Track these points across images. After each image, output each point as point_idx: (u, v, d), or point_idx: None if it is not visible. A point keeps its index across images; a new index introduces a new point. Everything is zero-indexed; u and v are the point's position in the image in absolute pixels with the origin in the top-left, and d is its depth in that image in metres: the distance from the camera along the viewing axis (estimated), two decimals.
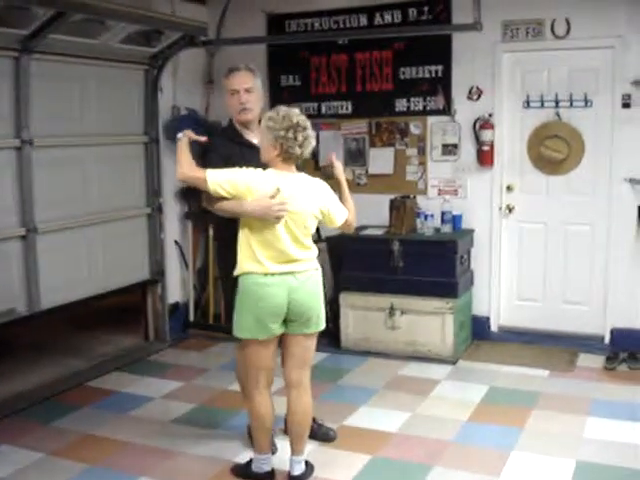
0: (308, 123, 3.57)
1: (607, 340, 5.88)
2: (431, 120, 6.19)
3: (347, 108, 6.43)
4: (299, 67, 6.52)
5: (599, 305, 5.92)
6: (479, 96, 6.02)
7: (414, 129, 6.25)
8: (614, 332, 5.83)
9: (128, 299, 6.67)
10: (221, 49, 6.65)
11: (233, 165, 3.67)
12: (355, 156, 6.42)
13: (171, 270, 6.51)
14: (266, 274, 3.55)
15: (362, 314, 5.97)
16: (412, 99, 6.20)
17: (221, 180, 3.53)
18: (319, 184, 3.73)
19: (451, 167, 6.17)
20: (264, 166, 3.64)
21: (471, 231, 6.11)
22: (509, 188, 6.09)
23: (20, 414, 4.87)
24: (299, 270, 3.62)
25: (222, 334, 6.31)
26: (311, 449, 4.15)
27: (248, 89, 3.97)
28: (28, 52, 4.94)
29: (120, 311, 6.85)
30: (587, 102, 5.76)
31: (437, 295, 5.72)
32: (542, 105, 5.88)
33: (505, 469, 4.02)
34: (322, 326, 3.81)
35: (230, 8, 6.52)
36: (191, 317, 6.73)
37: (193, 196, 6.55)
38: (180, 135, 3.77)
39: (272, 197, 3.49)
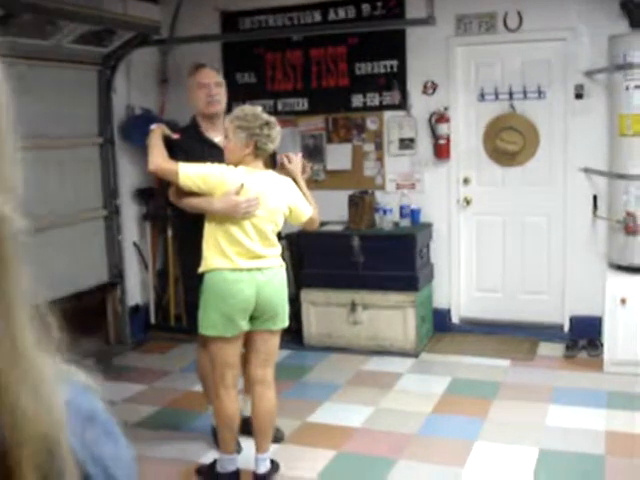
0: (274, 119, 3.65)
1: (566, 328, 5.95)
2: (387, 115, 6.21)
3: (303, 105, 6.42)
4: (254, 64, 6.49)
5: (558, 294, 6.00)
6: (434, 90, 6.05)
7: (371, 124, 6.27)
8: (573, 320, 5.91)
9: (88, 302, 6.58)
10: (175, 48, 6.60)
11: (195, 160, 3.66)
12: (313, 153, 6.41)
13: (130, 272, 6.45)
14: (234, 270, 3.55)
15: (324, 310, 5.97)
16: (368, 94, 6.22)
17: (192, 174, 3.54)
18: (286, 181, 3.76)
19: (408, 161, 6.20)
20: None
21: (430, 225, 6.15)
22: (466, 181, 6.14)
23: None
24: (266, 266, 3.63)
25: (184, 335, 6.29)
26: (275, 447, 4.12)
27: (218, 83, 4.09)
28: None
29: (80, 315, 6.75)
30: (541, 94, 5.84)
31: (398, 289, 5.74)
32: (496, 98, 5.94)
33: (469, 459, 4.05)
34: (286, 323, 3.81)
35: (183, 6, 6.46)
36: (152, 319, 6.67)
37: (151, 197, 6.52)
38: (153, 126, 3.82)
39: (236, 193, 3.50)
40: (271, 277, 3.65)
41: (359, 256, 5.83)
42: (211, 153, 3.87)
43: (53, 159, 5.61)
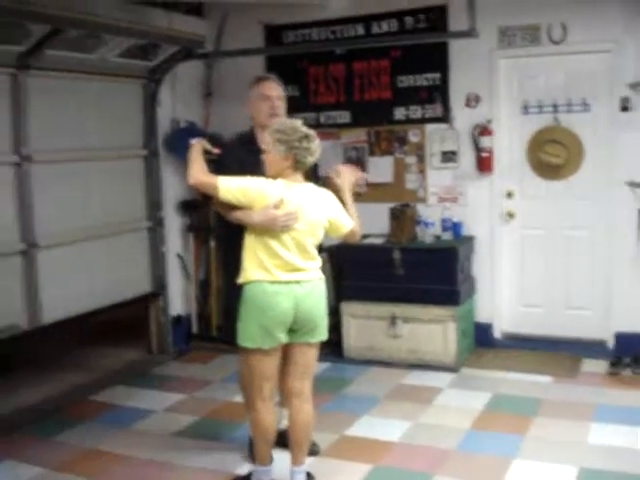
0: (314, 132, 3.66)
1: (611, 345, 5.84)
2: (430, 128, 6.19)
3: (346, 117, 6.43)
4: (297, 77, 6.52)
5: (602, 310, 5.88)
6: (477, 103, 6.01)
7: (413, 137, 6.25)
8: (618, 337, 5.79)
9: (131, 313, 6.68)
10: (220, 61, 6.67)
11: (248, 170, 3.70)
12: (355, 165, 6.40)
13: (173, 283, 6.52)
14: (273, 282, 3.57)
15: (364, 323, 5.96)
16: (410, 107, 6.21)
17: (232, 188, 3.57)
18: (326, 194, 3.77)
19: (451, 174, 6.17)
20: None
21: (472, 238, 6.10)
22: (509, 194, 6.08)
23: (22, 429, 4.87)
24: (305, 279, 3.64)
25: (225, 346, 6.33)
26: (312, 460, 4.12)
27: (279, 97, 4.11)
28: (26, 68, 4.98)
29: (124, 325, 6.87)
30: (585, 106, 5.76)
31: (439, 303, 5.70)
32: (540, 110, 5.87)
33: (507, 477, 3.99)
34: (325, 336, 3.79)
35: (228, 20, 6.54)
36: (194, 329, 6.73)
37: (194, 209, 6.60)
38: (194, 141, 3.84)
39: (276, 207, 3.52)
40: (310, 290, 3.66)
41: (400, 269, 5.81)
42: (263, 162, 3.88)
43: (99, 171, 5.73)
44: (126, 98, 5.98)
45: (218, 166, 3.87)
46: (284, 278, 3.58)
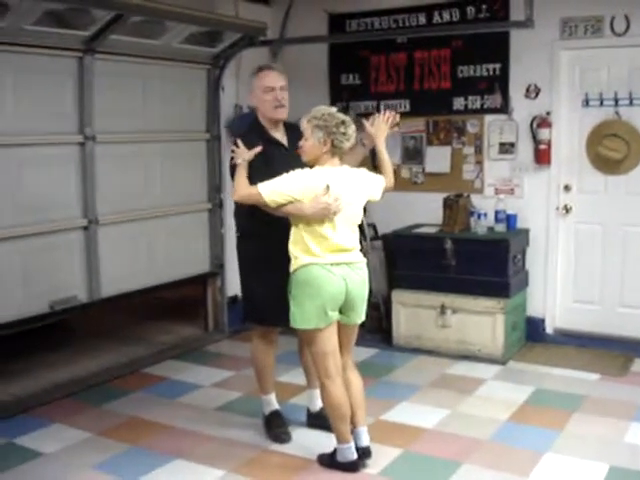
0: (349, 118, 3.81)
1: None
2: (488, 119, 6.15)
3: (405, 106, 6.45)
4: (359, 66, 6.59)
5: None
6: (537, 94, 5.94)
7: (471, 128, 6.22)
8: None
9: (191, 291, 6.90)
10: (284, 48, 6.78)
11: (272, 163, 3.86)
12: (412, 154, 6.45)
13: (231, 263, 6.63)
14: (324, 264, 3.74)
15: (413, 312, 5.99)
16: (470, 97, 6.18)
17: (276, 193, 3.70)
18: (361, 173, 3.94)
19: (508, 166, 6.11)
20: (297, 165, 3.80)
21: (526, 231, 6.04)
22: (567, 188, 5.98)
23: (75, 396, 5.14)
24: (353, 261, 3.84)
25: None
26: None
27: (283, 87, 4.13)
28: (91, 52, 5.20)
29: (183, 302, 7.10)
30: None
31: (489, 295, 5.68)
32: (601, 104, 5.75)
33: (535, 470, 3.97)
34: (364, 318, 4.02)
35: (293, 8, 6.65)
36: None
37: None
38: (238, 161, 3.90)
39: (324, 194, 3.67)
40: (358, 272, 3.85)
41: (451, 259, 5.81)
42: (278, 152, 4.04)
43: (161, 152, 5.93)
44: (190, 83, 6.15)
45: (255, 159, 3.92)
46: (334, 260, 3.75)
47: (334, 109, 3.81)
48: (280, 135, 4.16)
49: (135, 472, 4.01)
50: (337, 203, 3.69)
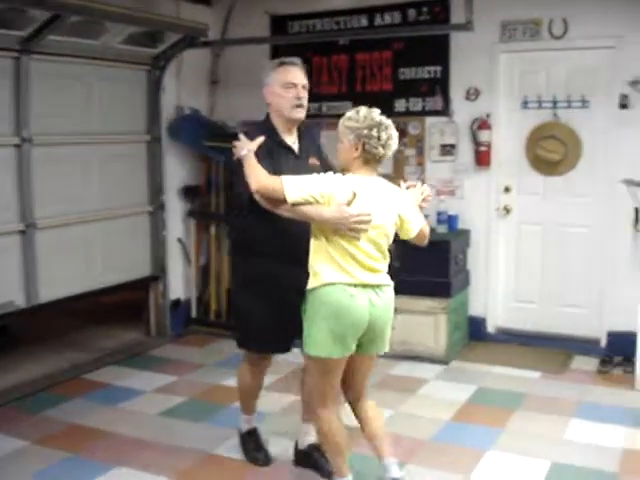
0: (391, 122, 3.35)
1: (603, 343, 5.82)
2: (429, 121, 6.20)
3: (347, 108, 6.38)
4: None
5: (596, 308, 5.86)
6: (477, 96, 6.01)
7: (413, 129, 6.26)
8: (610, 335, 5.77)
9: (133, 295, 6.81)
10: (226, 49, 6.74)
11: (281, 170, 3.43)
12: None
13: (174, 267, 6.61)
14: (351, 285, 3.26)
15: None
16: (411, 99, 6.22)
17: (299, 189, 3.26)
18: (398, 190, 3.48)
19: (449, 168, 6.18)
20: (307, 174, 3.40)
21: (467, 232, 6.11)
22: (507, 189, 6.07)
23: (13, 404, 5.01)
24: (380, 283, 3.36)
25: (222, 330, 6.46)
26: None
27: (305, 86, 3.73)
28: (28, 52, 5.09)
29: (126, 307, 7.00)
30: (585, 103, 5.73)
31: (431, 295, 5.73)
32: (540, 106, 5.86)
33: (477, 468, 4.03)
34: (387, 347, 3.59)
35: (235, 9, 6.61)
36: (193, 313, 6.82)
37: (196, 194, 6.69)
38: (243, 153, 3.42)
39: (348, 203, 3.21)
40: (383, 295, 3.39)
41: (393, 260, 5.81)
42: (288, 159, 3.64)
43: (101, 155, 5.83)
44: (130, 84, 6.07)
45: (262, 157, 3.47)
46: (363, 279, 3.28)
47: (377, 111, 3.34)
48: (292, 140, 3.72)
49: None
50: (360, 220, 3.19)
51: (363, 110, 3.34)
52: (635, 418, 4.68)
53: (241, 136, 3.49)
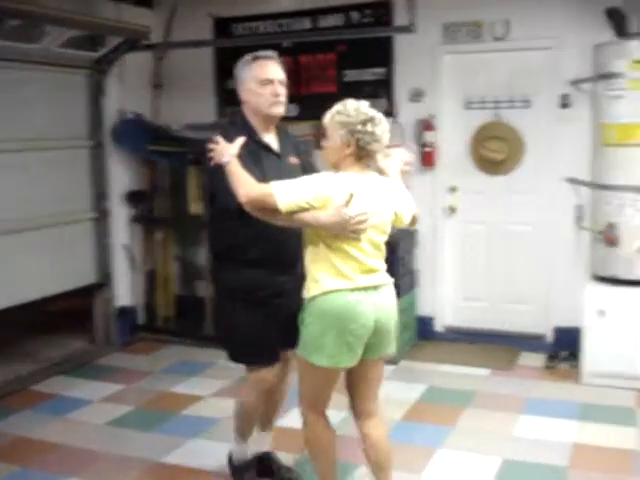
0: (382, 115, 3.18)
1: (550, 339, 5.92)
2: None
3: (293, 111, 6.44)
4: None
5: (541, 304, 5.96)
6: (421, 98, 6.06)
7: None
8: (556, 331, 5.87)
9: (79, 303, 6.68)
10: (169, 52, 6.66)
11: (265, 173, 3.24)
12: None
13: (119, 274, 6.50)
14: (353, 289, 3.11)
15: None
16: None
17: (292, 196, 3.04)
18: (391, 182, 3.31)
19: None
20: (290, 176, 3.20)
21: (413, 232, 6.14)
22: (452, 189, 6.13)
23: None
24: (381, 283, 3.23)
25: (170, 337, 6.39)
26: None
27: (282, 81, 3.50)
28: None
29: (70, 315, 6.86)
30: (526, 103, 5.83)
31: None
32: (483, 106, 5.94)
33: (428, 467, 4.06)
34: (395, 348, 3.40)
35: (178, 12, 6.53)
36: (140, 320, 6.73)
37: (141, 199, 6.59)
38: (225, 159, 3.18)
39: (346, 204, 3.01)
40: (388, 297, 3.27)
41: None
42: (268, 159, 3.43)
43: (42, 161, 5.71)
44: (71, 88, 5.96)
45: (245, 160, 3.24)
46: (363, 282, 3.13)
47: (365, 103, 3.14)
48: (271, 139, 3.53)
49: None
50: (359, 221, 3.01)
51: (350, 102, 3.14)
52: (582, 412, 4.77)
53: (219, 139, 3.26)
